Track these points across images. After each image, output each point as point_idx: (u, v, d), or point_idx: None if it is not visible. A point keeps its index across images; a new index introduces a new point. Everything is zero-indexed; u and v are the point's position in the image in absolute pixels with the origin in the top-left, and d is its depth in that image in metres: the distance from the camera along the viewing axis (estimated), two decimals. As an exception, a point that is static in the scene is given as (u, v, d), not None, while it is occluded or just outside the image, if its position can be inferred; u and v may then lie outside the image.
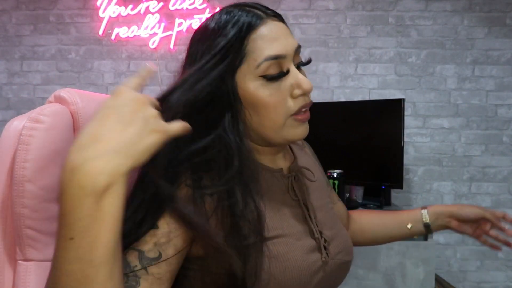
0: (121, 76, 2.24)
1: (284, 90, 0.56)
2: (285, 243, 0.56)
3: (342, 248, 0.64)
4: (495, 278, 2.15)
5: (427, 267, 1.38)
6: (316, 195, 0.68)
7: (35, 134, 0.51)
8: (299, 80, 0.56)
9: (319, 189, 0.71)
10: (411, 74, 2.17)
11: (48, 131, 0.52)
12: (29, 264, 0.51)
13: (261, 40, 0.55)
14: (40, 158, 0.51)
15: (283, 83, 0.56)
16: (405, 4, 2.17)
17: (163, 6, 2.19)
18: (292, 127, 0.58)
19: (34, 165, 0.50)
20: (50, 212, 0.52)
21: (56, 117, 0.54)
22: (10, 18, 2.24)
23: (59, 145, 0.53)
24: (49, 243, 0.52)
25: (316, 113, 2.03)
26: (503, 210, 2.14)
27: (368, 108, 1.80)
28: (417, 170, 2.18)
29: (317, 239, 0.61)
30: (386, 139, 1.71)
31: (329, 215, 0.69)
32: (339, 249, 0.63)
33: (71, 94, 0.58)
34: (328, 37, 2.20)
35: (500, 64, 2.15)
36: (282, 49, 0.55)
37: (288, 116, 0.57)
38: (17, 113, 2.22)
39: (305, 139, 0.78)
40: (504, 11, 2.14)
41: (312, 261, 0.58)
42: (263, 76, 0.55)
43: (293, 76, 0.57)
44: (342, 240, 0.66)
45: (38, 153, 0.51)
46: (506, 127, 2.15)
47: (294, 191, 0.64)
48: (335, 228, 0.67)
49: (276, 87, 0.56)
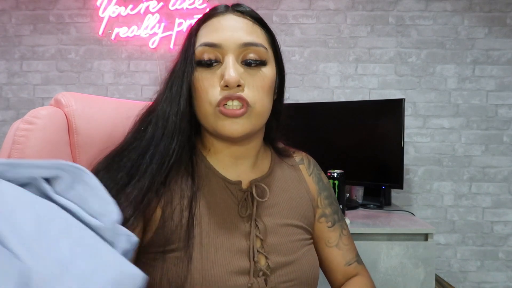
0: (121, 76, 2.24)
1: (214, 78, 0.58)
2: (211, 258, 0.55)
3: (294, 277, 0.60)
4: (496, 279, 2.15)
5: (427, 267, 1.38)
6: (277, 217, 0.64)
7: (28, 135, 0.56)
8: (225, 71, 0.57)
9: (286, 212, 0.65)
10: (411, 74, 2.17)
11: (41, 132, 0.57)
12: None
13: (206, 29, 0.60)
14: (32, 157, 0.55)
15: (215, 71, 0.58)
16: (405, 4, 2.17)
17: (163, 6, 2.19)
18: (219, 119, 0.58)
19: None
20: None
21: (49, 119, 0.58)
22: (10, 18, 2.24)
23: (52, 145, 0.58)
24: None
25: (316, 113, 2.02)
26: (503, 210, 2.15)
27: (368, 108, 1.80)
28: (417, 170, 2.17)
29: (253, 262, 0.57)
30: (386, 139, 1.71)
31: (289, 240, 0.63)
32: (288, 278, 0.59)
33: (66, 97, 0.62)
34: (328, 37, 2.20)
35: (500, 64, 2.15)
36: (218, 38, 0.58)
37: (214, 106, 0.58)
38: (17, 113, 2.22)
39: (305, 139, 0.77)
40: (504, 11, 2.14)
41: (235, 284, 0.55)
42: (198, 62, 0.59)
43: (224, 67, 0.57)
44: (297, 269, 0.61)
45: (30, 152, 0.55)
46: (507, 127, 2.15)
47: (246, 208, 0.61)
48: (291, 255, 0.61)
49: (208, 74, 0.58)
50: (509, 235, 2.15)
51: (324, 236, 0.72)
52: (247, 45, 0.58)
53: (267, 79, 0.60)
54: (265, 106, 0.60)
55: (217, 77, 0.58)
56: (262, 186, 0.64)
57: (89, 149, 0.62)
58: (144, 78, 2.23)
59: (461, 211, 2.16)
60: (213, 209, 0.60)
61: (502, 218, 2.15)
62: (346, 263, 0.71)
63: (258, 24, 0.61)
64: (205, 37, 0.59)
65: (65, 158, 0.60)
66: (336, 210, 0.74)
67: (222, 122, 0.58)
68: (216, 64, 0.58)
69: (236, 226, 0.60)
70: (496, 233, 2.15)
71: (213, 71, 0.58)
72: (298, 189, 0.70)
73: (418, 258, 1.38)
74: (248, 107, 0.58)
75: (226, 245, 0.57)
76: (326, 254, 0.72)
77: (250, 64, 0.59)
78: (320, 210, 0.72)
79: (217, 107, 0.57)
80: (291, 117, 0.73)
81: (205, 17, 0.61)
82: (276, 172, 0.69)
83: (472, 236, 2.16)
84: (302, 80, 2.19)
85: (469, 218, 2.16)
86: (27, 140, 0.55)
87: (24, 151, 0.55)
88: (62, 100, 0.61)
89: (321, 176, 0.76)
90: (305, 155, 0.77)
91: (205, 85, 0.58)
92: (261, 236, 0.60)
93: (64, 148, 0.60)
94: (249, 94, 0.58)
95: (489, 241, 2.16)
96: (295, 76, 2.19)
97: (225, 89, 0.57)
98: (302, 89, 2.20)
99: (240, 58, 0.58)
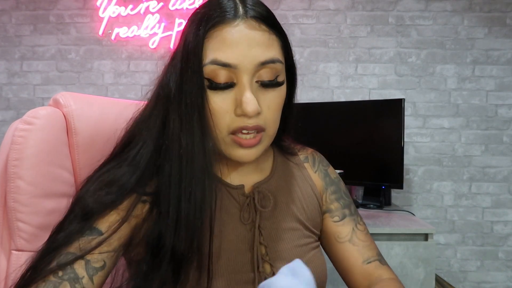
0: (121, 76, 2.24)
1: (228, 102, 0.52)
2: (212, 268, 0.52)
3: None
4: (495, 278, 2.15)
5: (427, 267, 1.38)
6: (281, 222, 0.61)
7: (26, 135, 0.56)
8: (242, 98, 0.50)
9: (290, 215, 0.62)
10: (411, 74, 2.17)
11: (39, 132, 0.57)
12: (20, 254, 0.56)
13: (215, 40, 0.50)
14: (30, 157, 0.56)
15: (229, 95, 0.51)
16: (405, 4, 2.17)
17: (163, 6, 2.19)
18: (231, 147, 0.54)
19: (24, 163, 0.55)
20: (39, 207, 0.56)
21: (47, 119, 0.58)
22: (10, 18, 2.24)
23: (50, 145, 0.58)
24: (37, 235, 0.56)
25: (316, 113, 2.02)
26: (503, 210, 2.15)
27: (368, 108, 1.80)
28: (417, 170, 2.17)
29: (258, 272, 0.55)
30: (386, 139, 1.71)
31: (294, 245, 0.60)
32: None
33: (65, 97, 0.62)
34: (328, 37, 2.20)
35: (500, 64, 2.15)
36: (233, 58, 0.50)
37: (226, 133, 0.53)
38: (17, 113, 2.22)
39: (305, 139, 0.75)
40: (504, 11, 2.14)
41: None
42: (209, 82, 0.51)
43: (240, 91, 0.51)
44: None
45: (29, 152, 0.56)
46: (506, 127, 2.15)
47: (248, 213, 0.58)
48: None
49: (220, 97, 0.51)
50: (509, 235, 2.15)
51: (332, 231, 0.66)
52: (264, 64, 0.51)
53: (281, 97, 0.55)
54: (277, 125, 0.57)
55: (231, 100, 0.52)
56: (265, 193, 0.61)
57: (88, 150, 0.62)
58: (144, 78, 2.23)
59: (461, 211, 2.16)
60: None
61: (502, 218, 2.15)
62: (364, 260, 0.63)
63: (273, 32, 0.53)
64: (216, 52, 0.50)
65: (63, 158, 0.60)
66: (346, 204, 0.69)
67: (236, 150, 0.54)
68: (230, 87, 0.52)
69: (239, 233, 0.57)
70: (496, 233, 2.15)
71: (226, 93, 0.51)
72: (303, 189, 0.66)
73: (418, 258, 1.38)
74: (263, 132, 0.54)
75: (229, 254, 0.55)
76: (338, 251, 0.65)
77: (265, 85, 0.53)
78: (325, 206, 0.68)
79: (230, 134, 0.53)
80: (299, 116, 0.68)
81: (211, 20, 0.51)
82: (279, 173, 0.65)
83: (472, 236, 2.16)
84: (302, 80, 2.19)
85: (469, 218, 2.16)
86: (26, 141, 0.56)
87: (23, 151, 0.55)
88: (61, 100, 0.61)
89: (328, 171, 0.72)
90: (311, 153, 0.73)
91: (217, 109, 0.51)
92: (265, 243, 0.58)
93: (63, 149, 0.60)
94: (264, 119, 0.53)
95: (489, 241, 2.16)
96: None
97: (241, 117, 0.51)
98: (302, 89, 2.19)
99: (256, 78, 0.52)
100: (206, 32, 0.50)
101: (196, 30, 0.51)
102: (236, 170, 0.61)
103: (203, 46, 0.50)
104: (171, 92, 0.53)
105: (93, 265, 0.48)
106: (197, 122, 0.51)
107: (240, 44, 0.50)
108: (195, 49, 0.50)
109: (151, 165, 0.52)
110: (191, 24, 0.53)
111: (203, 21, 0.51)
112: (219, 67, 0.50)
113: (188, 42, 0.51)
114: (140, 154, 0.52)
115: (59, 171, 0.59)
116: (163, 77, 0.56)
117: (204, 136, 0.51)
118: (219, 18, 0.50)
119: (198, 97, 0.51)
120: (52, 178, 0.58)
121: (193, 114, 0.51)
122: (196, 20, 0.52)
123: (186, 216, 0.50)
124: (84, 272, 0.47)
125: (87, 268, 0.47)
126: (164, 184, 0.51)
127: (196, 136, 0.51)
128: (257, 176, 0.63)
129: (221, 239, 0.56)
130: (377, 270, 0.62)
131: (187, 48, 0.51)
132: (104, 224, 0.50)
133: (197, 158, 0.51)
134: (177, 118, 0.52)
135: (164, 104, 0.53)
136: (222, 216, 0.57)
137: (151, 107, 0.56)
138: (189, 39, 0.51)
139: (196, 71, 0.50)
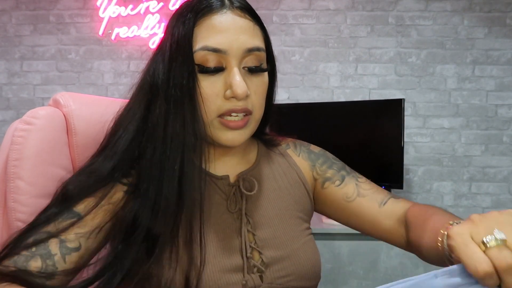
0: (121, 76, 2.24)
1: (217, 85, 0.54)
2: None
3: (291, 272, 0.58)
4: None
5: (427, 267, 1.38)
6: (269, 209, 0.62)
7: (26, 135, 0.56)
8: (232, 81, 0.53)
9: (278, 202, 0.63)
10: (411, 74, 2.17)
11: (39, 132, 0.57)
12: None
13: (204, 28, 0.54)
14: (30, 157, 0.56)
15: (219, 78, 0.54)
16: (405, 4, 2.17)
17: (163, 6, 2.19)
18: (220, 130, 0.56)
19: (24, 163, 0.55)
20: (39, 207, 0.55)
21: (47, 119, 0.58)
22: (10, 18, 2.24)
23: (50, 145, 0.58)
24: None
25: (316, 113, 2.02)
26: (503, 210, 2.14)
27: (368, 108, 1.80)
28: (417, 170, 2.17)
29: (246, 258, 0.56)
30: (386, 139, 1.71)
31: (283, 232, 0.61)
32: (284, 273, 0.57)
33: (65, 97, 0.62)
34: (328, 37, 2.20)
35: (500, 64, 2.15)
36: (223, 43, 0.53)
37: (215, 116, 0.55)
38: (17, 113, 2.22)
39: (305, 139, 0.75)
40: (504, 11, 2.14)
41: (227, 282, 0.54)
42: (199, 68, 0.54)
43: (229, 75, 0.54)
44: (294, 263, 0.58)
45: (28, 153, 0.56)
46: (506, 127, 2.15)
47: (235, 202, 0.60)
48: (287, 248, 0.59)
49: (209, 81, 0.54)
50: (509, 235, 2.15)
51: (339, 196, 0.66)
52: (251, 51, 0.55)
53: (265, 84, 0.59)
54: (262, 110, 0.60)
55: (221, 84, 0.54)
56: (250, 179, 0.62)
57: (88, 150, 0.62)
58: (144, 78, 2.23)
59: (461, 211, 2.16)
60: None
61: (502, 218, 2.15)
62: (380, 203, 0.64)
63: (256, 23, 0.57)
64: (206, 39, 0.53)
65: (63, 158, 0.61)
66: (340, 167, 0.70)
67: (223, 133, 0.56)
68: (220, 71, 0.55)
69: (226, 222, 0.58)
70: (496, 233, 2.15)
71: (216, 78, 0.54)
72: (289, 176, 0.67)
73: (418, 258, 1.38)
74: (250, 115, 0.57)
75: (216, 242, 0.56)
76: (352, 210, 0.65)
77: (252, 70, 0.56)
78: (320, 178, 0.68)
79: (218, 117, 0.55)
80: (284, 115, 0.70)
81: (199, 11, 0.54)
82: (264, 162, 0.66)
83: (472, 236, 2.16)
84: (302, 80, 2.19)
85: (469, 218, 2.16)
86: (26, 141, 0.56)
87: (23, 151, 0.55)
88: (61, 100, 0.61)
89: (310, 148, 0.73)
90: (291, 140, 0.74)
91: (207, 93, 0.54)
92: (252, 230, 0.59)
93: (63, 149, 0.60)
94: (251, 103, 0.56)
95: (489, 241, 2.16)
96: (295, 76, 2.19)
97: (231, 100, 0.54)
98: (302, 89, 2.20)
99: (243, 64, 0.55)
100: (196, 20, 0.54)
101: (185, 19, 0.54)
102: (221, 160, 0.62)
103: (193, 34, 0.53)
104: (159, 79, 0.55)
105: (68, 244, 0.50)
106: (187, 105, 0.53)
107: (229, 30, 0.53)
108: (186, 36, 0.53)
109: (131, 151, 0.55)
110: (179, 17, 0.56)
111: (191, 11, 0.54)
112: (209, 52, 0.53)
113: (177, 32, 0.54)
114: (118, 142, 0.55)
115: (59, 171, 0.59)
116: (148, 68, 0.58)
117: (194, 119, 0.54)
118: (207, 8, 0.54)
119: (189, 81, 0.53)
120: (52, 178, 0.58)
121: (183, 98, 0.53)
122: (184, 12, 0.55)
123: (166, 198, 0.52)
124: (57, 250, 0.49)
125: (61, 247, 0.49)
126: (145, 166, 0.54)
127: (187, 118, 0.53)
128: (242, 167, 0.64)
129: (209, 228, 0.57)
130: (397, 204, 0.64)
131: (176, 37, 0.54)
132: (81, 207, 0.52)
133: (186, 140, 0.53)
134: (163, 103, 0.54)
135: (148, 93, 0.56)
136: (208, 207, 0.58)
137: (134, 97, 0.58)
138: (178, 29, 0.54)
139: (187, 57, 0.53)
